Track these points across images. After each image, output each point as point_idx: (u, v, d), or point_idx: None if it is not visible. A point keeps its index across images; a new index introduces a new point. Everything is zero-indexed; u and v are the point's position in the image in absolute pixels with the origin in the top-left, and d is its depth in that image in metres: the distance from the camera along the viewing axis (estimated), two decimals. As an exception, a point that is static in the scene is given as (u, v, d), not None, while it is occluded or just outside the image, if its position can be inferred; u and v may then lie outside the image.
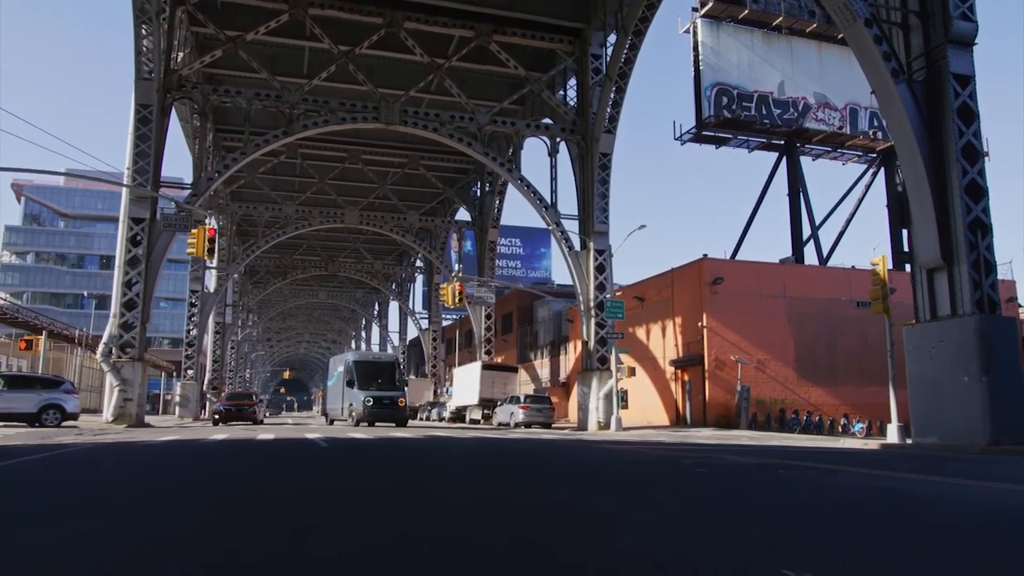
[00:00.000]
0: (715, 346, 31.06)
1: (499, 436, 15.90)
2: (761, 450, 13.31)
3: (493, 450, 12.76)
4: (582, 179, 30.75)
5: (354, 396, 28.14)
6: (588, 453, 12.00)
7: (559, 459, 10.98)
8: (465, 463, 10.28)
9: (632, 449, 13.43)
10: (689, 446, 14.44)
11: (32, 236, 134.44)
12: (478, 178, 47.02)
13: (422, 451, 12.58)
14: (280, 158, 42.85)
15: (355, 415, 27.61)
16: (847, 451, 13.64)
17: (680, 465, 9.70)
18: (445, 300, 27.46)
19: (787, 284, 32.64)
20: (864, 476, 8.59)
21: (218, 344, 54.99)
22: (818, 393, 32.31)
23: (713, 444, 15.33)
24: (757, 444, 15.59)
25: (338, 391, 30.64)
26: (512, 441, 14.88)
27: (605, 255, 29.75)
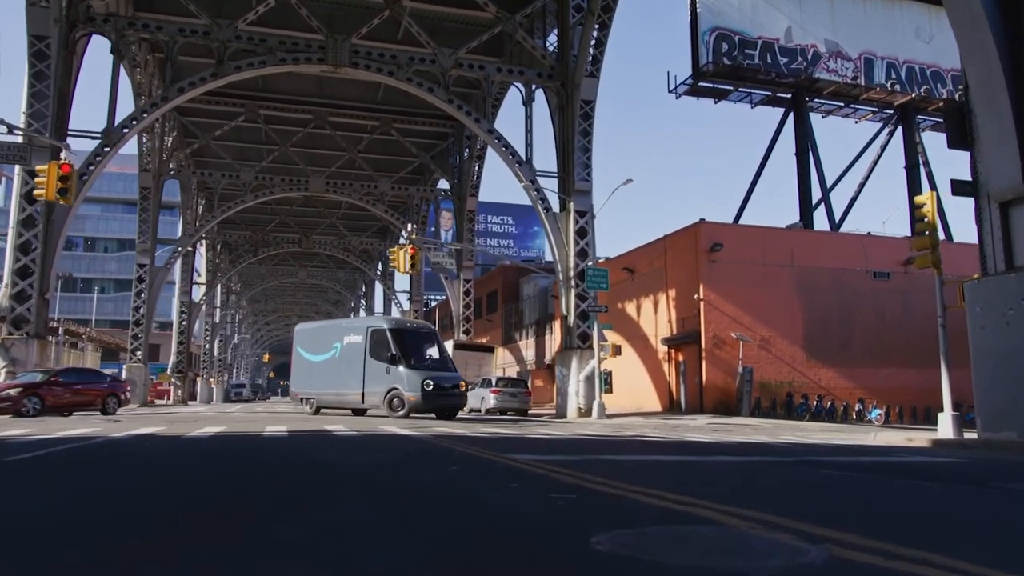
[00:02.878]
0: (713, 322, 27.35)
1: (421, 433, 12.06)
2: (768, 451, 9.65)
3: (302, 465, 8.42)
4: (562, 132, 26.95)
5: (401, 378, 20.36)
6: (492, 474, 8.26)
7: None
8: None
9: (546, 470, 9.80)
10: (665, 445, 10.70)
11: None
12: (457, 143, 43.15)
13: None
14: (238, 120, 39.15)
15: (406, 403, 19.96)
16: (895, 454, 9.56)
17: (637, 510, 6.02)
18: (396, 265, 23.73)
19: (795, 252, 28.86)
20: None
21: (184, 325, 51.30)
22: (829, 375, 28.67)
23: (704, 442, 11.58)
24: (763, 441, 11.89)
25: (351, 370, 21.81)
26: (404, 442, 11.00)
27: (587, 217, 25.97)
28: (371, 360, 21.47)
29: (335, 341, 23.33)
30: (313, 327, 26.35)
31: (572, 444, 10.00)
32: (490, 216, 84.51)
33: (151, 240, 37.94)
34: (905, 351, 29.35)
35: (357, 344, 22.24)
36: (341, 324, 26.57)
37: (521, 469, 6.12)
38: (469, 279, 41.36)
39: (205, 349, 67.76)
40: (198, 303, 53.93)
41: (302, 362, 24.88)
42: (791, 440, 12.50)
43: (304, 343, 25.16)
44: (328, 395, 23.13)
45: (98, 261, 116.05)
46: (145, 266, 37.76)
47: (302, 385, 24.61)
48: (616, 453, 8.51)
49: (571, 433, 13.23)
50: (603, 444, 10.23)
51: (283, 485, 5.44)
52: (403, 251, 23.16)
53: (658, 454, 8.49)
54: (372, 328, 22.36)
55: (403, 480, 5.75)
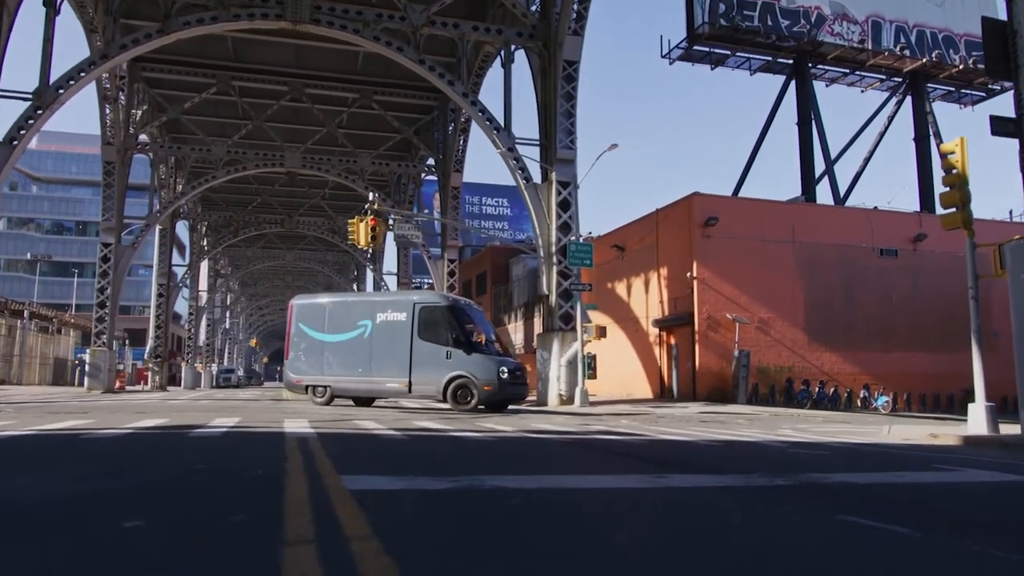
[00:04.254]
0: (707, 302, 25.36)
1: (336, 429, 9.82)
2: (760, 460, 7.48)
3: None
4: (544, 96, 24.87)
5: (471, 364, 17.63)
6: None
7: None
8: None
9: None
10: (625, 449, 8.50)
11: (3, 201, 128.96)
12: (441, 117, 41.03)
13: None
14: (209, 92, 37.11)
15: (478, 393, 17.33)
16: (933, 465, 7.12)
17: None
18: (354, 238, 21.70)
19: (796, 227, 26.83)
20: None
21: (161, 308, 49.39)
22: (833, 359, 26.76)
23: (682, 441, 9.60)
24: (757, 440, 9.84)
25: (390, 354, 18.37)
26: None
27: (570, 188, 23.91)
28: (421, 342, 18.19)
29: (363, 318, 19.24)
30: (325, 301, 21.21)
31: (482, 450, 7.43)
32: (484, 198, 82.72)
33: (116, 218, 35.90)
34: (914, 334, 27.42)
35: (398, 323, 18.62)
36: (371, 298, 22.58)
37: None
38: (454, 258, 39.47)
39: (190, 333, 65.91)
40: (177, 285, 51.95)
41: (307, 342, 20.04)
42: (790, 437, 10.50)
43: (309, 320, 20.20)
44: (350, 382, 19.11)
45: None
46: (110, 245, 35.72)
47: (307, 369, 19.79)
48: (527, 469, 5.98)
49: (518, 429, 10.68)
50: (526, 450, 7.72)
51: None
52: (363, 223, 21.08)
53: (601, 472, 5.98)
54: (422, 304, 18.83)
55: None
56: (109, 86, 33.95)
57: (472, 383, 17.46)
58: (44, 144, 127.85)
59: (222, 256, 71.52)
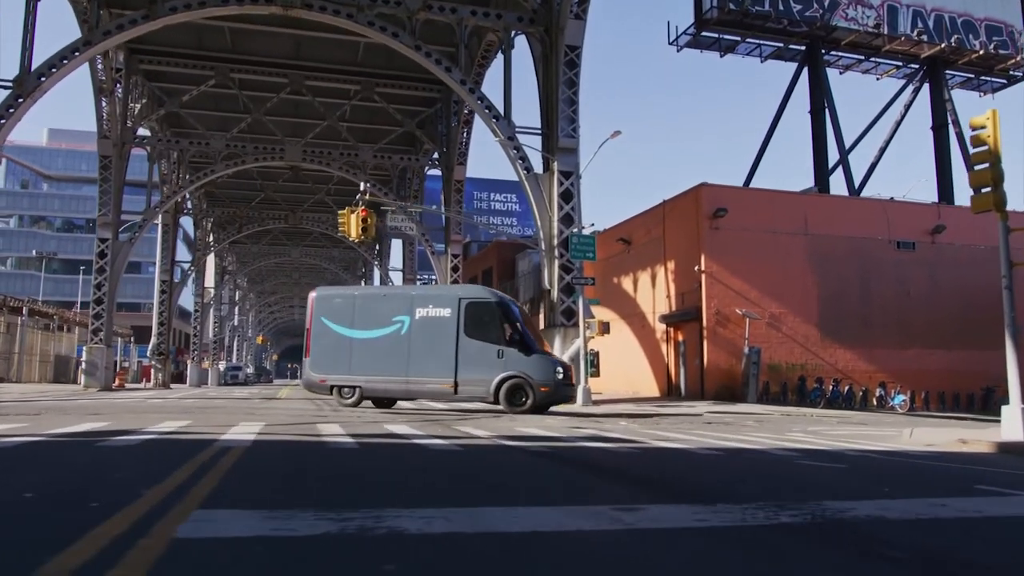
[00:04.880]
0: (716, 296, 24.39)
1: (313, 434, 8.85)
2: (764, 479, 6.11)
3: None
4: (545, 83, 23.99)
5: (527, 364, 16.60)
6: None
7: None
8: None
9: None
10: (604, 460, 7.27)
11: (14, 199, 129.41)
12: (445, 109, 40.23)
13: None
14: (207, 84, 36.49)
15: (535, 394, 16.28)
16: (980, 487, 5.76)
17: None
18: (345, 230, 20.80)
19: (809, 218, 25.79)
20: None
21: (164, 305, 48.85)
22: (847, 356, 25.72)
23: (675, 449, 8.65)
24: (764, 448, 8.76)
25: (432, 352, 17.20)
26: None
27: (572, 179, 23.00)
28: (468, 340, 17.06)
29: (399, 314, 17.88)
30: (352, 293, 19.86)
31: (428, 467, 6.29)
32: (492, 194, 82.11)
33: (113, 213, 35.26)
34: (932, 329, 26.35)
35: (442, 319, 17.41)
36: (407, 293, 20.61)
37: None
38: (457, 253, 38.66)
39: (196, 330, 65.49)
40: (180, 282, 51.40)
41: (332, 339, 18.24)
42: (802, 443, 9.50)
43: (333, 314, 18.48)
44: (385, 383, 17.70)
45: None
46: (107, 240, 35.09)
47: (333, 368, 18.09)
48: (463, 497, 4.66)
49: (497, 435, 9.36)
50: (483, 468, 6.47)
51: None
52: (354, 214, 20.22)
53: (555, 501, 4.54)
54: (468, 300, 17.61)
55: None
56: (104, 78, 33.28)
57: (528, 384, 16.38)
58: (55, 142, 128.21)
59: (229, 253, 71.13)
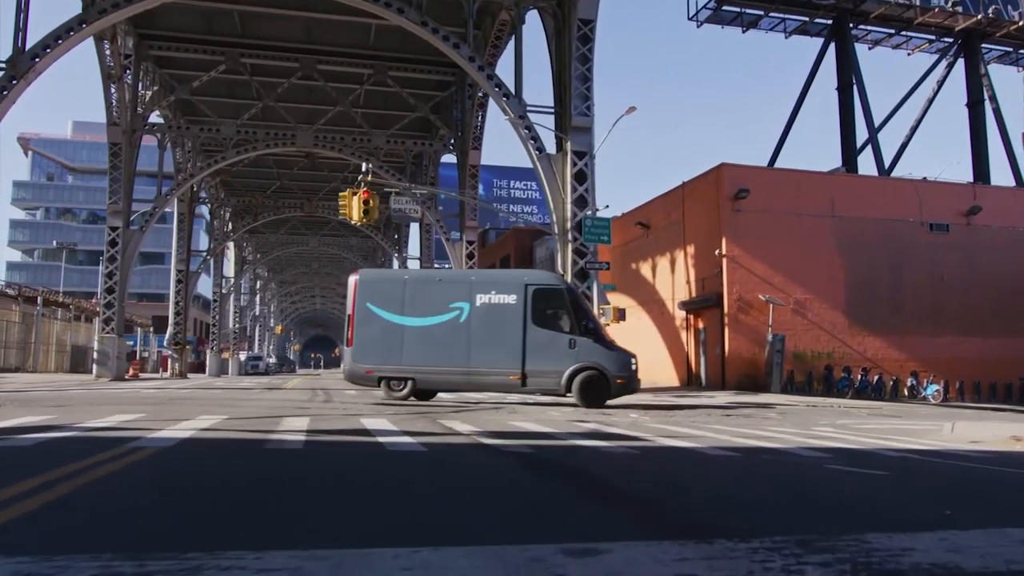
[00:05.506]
0: (738, 282, 23.33)
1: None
2: (781, 491, 4.99)
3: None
4: (558, 60, 23.03)
5: (602, 355, 15.77)
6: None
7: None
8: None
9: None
10: (589, 461, 6.48)
11: (41, 191, 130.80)
12: (459, 93, 39.35)
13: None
14: (218, 70, 35.94)
15: (612, 387, 15.52)
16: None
17: None
18: (346, 213, 20.02)
19: (836, 199, 24.60)
20: None
21: (180, 295, 48.68)
22: (876, 344, 24.57)
23: (684, 448, 7.64)
24: (786, 448, 7.55)
25: (496, 341, 16.18)
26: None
27: (586, 159, 22.02)
28: (536, 328, 16.02)
29: (457, 300, 16.74)
30: (402, 277, 18.67)
31: (364, 478, 5.23)
32: (512, 181, 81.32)
33: (124, 201, 34.85)
34: (967, 316, 25.09)
35: (506, 306, 16.34)
36: (467, 277, 19.19)
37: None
38: (472, 240, 37.88)
39: (215, 320, 65.46)
40: (195, 272, 51.18)
41: (380, 326, 16.78)
42: (829, 440, 8.46)
43: (380, 299, 17.01)
44: (442, 374, 16.43)
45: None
46: (117, 229, 34.69)
47: (381, 359, 16.66)
48: (366, 524, 3.67)
49: (482, 431, 8.33)
50: (433, 477, 5.40)
51: None
52: (355, 197, 19.41)
53: (481, 535, 3.44)
54: (536, 286, 16.51)
55: None
56: (112, 64, 32.79)
57: (603, 376, 15.41)
58: (79, 134, 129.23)
59: (248, 243, 71.04)
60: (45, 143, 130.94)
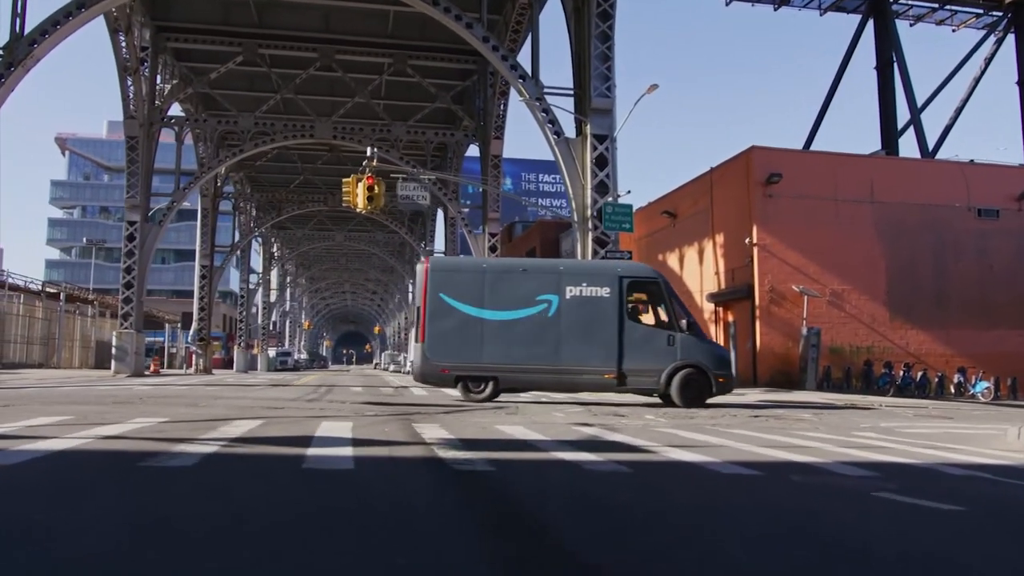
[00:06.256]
0: (770, 272, 22.00)
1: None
2: (844, 547, 3.22)
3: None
4: (577, 40, 21.88)
5: (702, 352, 14.88)
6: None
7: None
8: None
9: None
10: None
11: (78, 190, 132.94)
12: (481, 82, 38.42)
13: None
14: (235, 61, 35.47)
15: (713, 385, 14.54)
16: None
17: None
18: (350, 201, 19.09)
19: (876, 184, 23.11)
20: None
21: (205, 291, 48.46)
22: (920, 338, 23.07)
23: (697, 464, 6.44)
24: (822, 462, 6.06)
25: (588, 336, 15.06)
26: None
27: (607, 143, 20.84)
28: (632, 323, 15.06)
29: (544, 291, 15.63)
30: (479, 266, 17.46)
31: (263, 515, 3.75)
32: (541, 175, 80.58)
33: (142, 195, 34.46)
34: (1018, 308, 23.48)
35: (599, 299, 15.23)
36: (554, 267, 17.38)
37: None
38: (495, 232, 36.91)
39: (241, 315, 65.44)
40: (219, 268, 50.92)
41: (456, 320, 15.57)
42: (875, 452, 7.01)
43: (456, 290, 15.81)
44: (528, 371, 15.29)
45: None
46: (135, 224, 34.33)
47: (457, 355, 15.44)
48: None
49: (448, 438, 7.13)
50: (339, 516, 3.62)
51: None
52: (360, 183, 18.47)
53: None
54: (631, 278, 15.54)
55: None
56: (128, 57, 32.35)
57: (705, 374, 14.43)
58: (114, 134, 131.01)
59: (276, 238, 71.03)
60: (81, 143, 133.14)
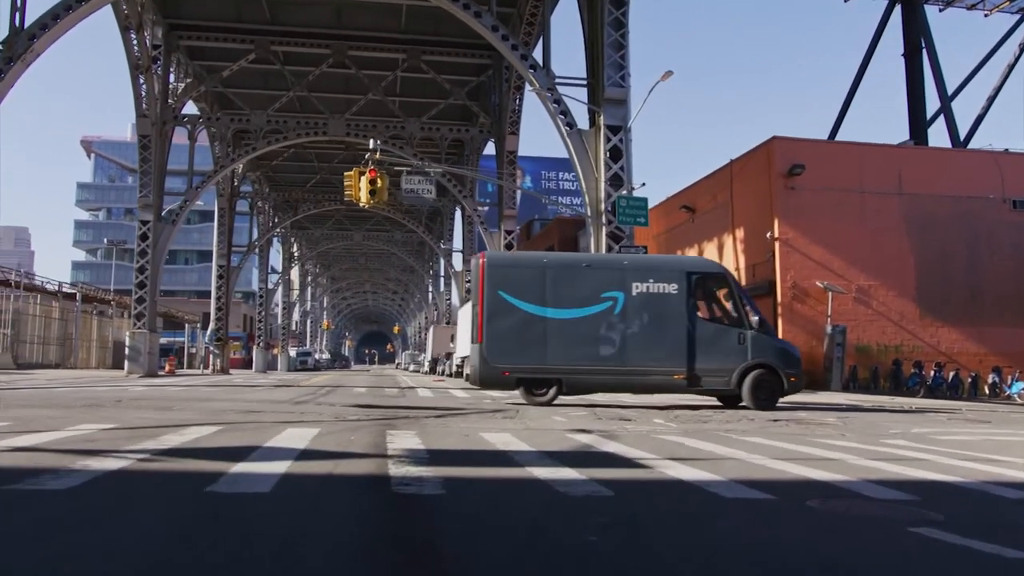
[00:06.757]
0: (792, 267, 21.07)
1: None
2: None
3: None
4: (591, 28, 21.14)
5: (775, 351, 14.42)
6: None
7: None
8: None
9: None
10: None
11: (103, 192, 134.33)
12: (496, 77, 37.81)
13: None
14: (248, 59, 35.18)
15: (785, 385, 14.08)
16: None
17: None
18: (352, 195, 18.48)
19: (904, 175, 22.08)
20: None
21: (222, 291, 48.32)
22: (952, 336, 22.03)
23: (694, 483, 5.55)
24: (854, 478, 5.06)
25: (655, 335, 14.42)
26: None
27: (621, 134, 20.08)
28: (701, 321, 14.48)
29: (609, 288, 14.86)
30: (540, 261, 16.08)
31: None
32: (561, 173, 79.88)
33: (154, 194, 34.28)
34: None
35: (666, 296, 14.60)
36: (618, 262, 16.37)
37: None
38: (511, 230, 36.31)
39: (259, 315, 65.44)
40: (236, 268, 50.76)
41: (516, 318, 14.76)
42: (910, 465, 6.00)
43: (516, 287, 14.95)
44: (594, 373, 14.52)
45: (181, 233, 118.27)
46: (148, 223, 34.13)
47: (520, 356, 14.58)
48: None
49: (413, 448, 6.21)
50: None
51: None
52: (362, 177, 17.86)
53: None
54: (699, 273, 14.92)
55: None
56: (140, 55, 32.11)
57: (776, 374, 13.90)
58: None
59: (295, 238, 71.02)
60: (106, 145, 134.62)
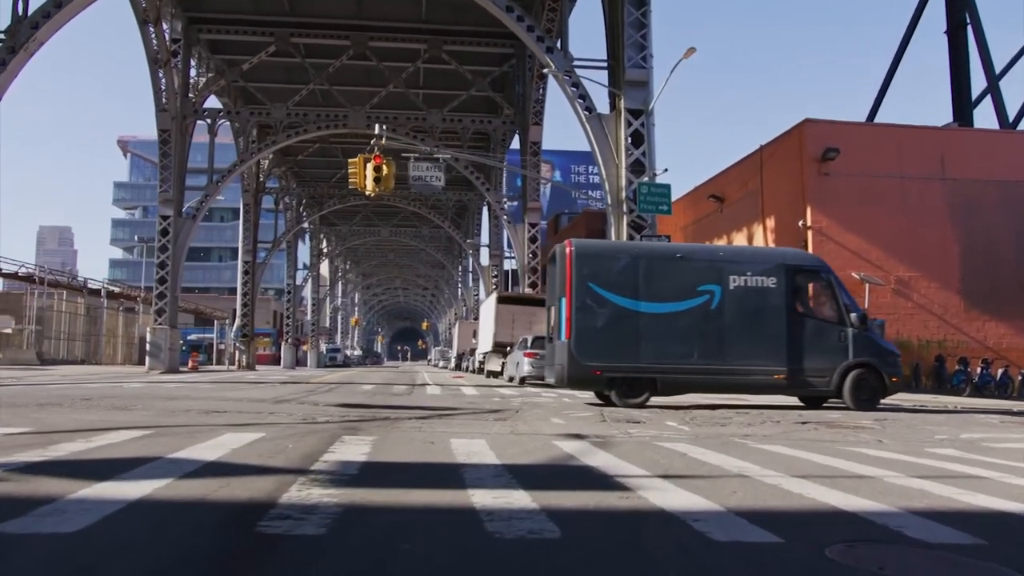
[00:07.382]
0: (826, 257, 19.77)
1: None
2: None
3: None
4: (611, 6, 20.18)
5: (873, 349, 13.67)
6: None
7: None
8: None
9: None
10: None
11: (139, 191, 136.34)
12: (520, 66, 37.03)
13: None
14: (268, 52, 34.92)
15: (887, 386, 13.53)
16: None
17: None
18: (356, 182, 17.75)
19: (947, 158, 20.70)
20: None
21: (247, 287, 48.21)
22: (999, 331, 20.67)
23: (682, 513, 4.52)
24: (899, 507, 3.70)
25: (751, 332, 13.60)
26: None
27: (643, 118, 19.08)
28: (801, 318, 13.71)
29: (704, 281, 13.88)
30: (632, 251, 14.93)
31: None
32: (591, 167, 79.18)
33: (175, 189, 34.06)
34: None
35: (764, 290, 13.74)
36: (714, 253, 15.39)
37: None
38: (535, 223, 35.54)
39: (287, 312, 65.46)
40: (261, 263, 50.60)
41: (608, 313, 13.71)
42: (959, 482, 4.86)
43: (607, 279, 13.85)
44: (689, 372, 13.64)
45: (215, 231, 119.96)
46: (168, 218, 33.92)
47: (611, 353, 13.55)
48: None
49: (341, 463, 5.76)
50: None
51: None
52: (367, 163, 17.12)
53: None
54: (797, 267, 14.09)
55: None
56: (159, 49, 31.85)
57: (877, 374, 13.22)
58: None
59: (324, 233, 71.03)
60: (142, 145, 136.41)
